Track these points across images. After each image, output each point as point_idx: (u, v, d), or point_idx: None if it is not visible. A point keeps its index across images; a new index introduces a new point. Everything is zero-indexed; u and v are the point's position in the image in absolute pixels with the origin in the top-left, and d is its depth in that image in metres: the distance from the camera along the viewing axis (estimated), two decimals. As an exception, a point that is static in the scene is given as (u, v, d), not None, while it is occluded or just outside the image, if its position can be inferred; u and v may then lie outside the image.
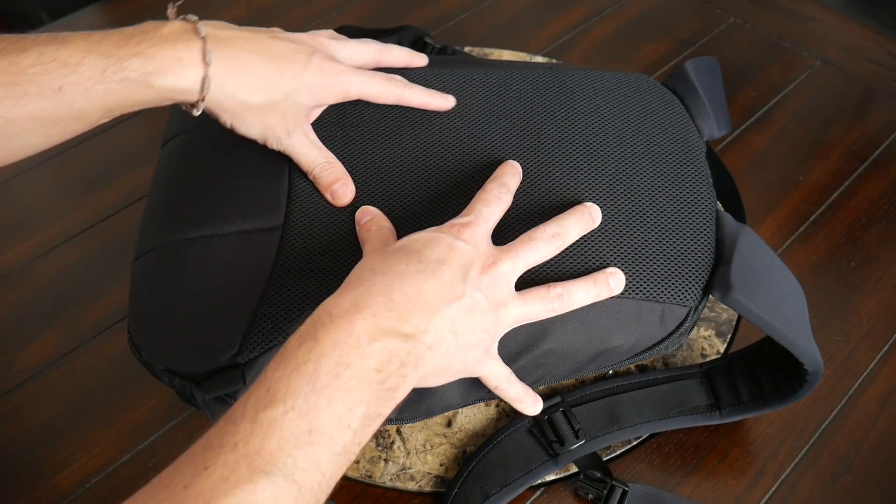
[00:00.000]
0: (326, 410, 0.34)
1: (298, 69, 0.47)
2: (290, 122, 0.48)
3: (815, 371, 0.48)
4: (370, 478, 0.52)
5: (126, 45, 0.42)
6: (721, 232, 0.50)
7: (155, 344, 0.46)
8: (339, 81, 0.49)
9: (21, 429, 0.56)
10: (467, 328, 0.41)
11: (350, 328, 0.36)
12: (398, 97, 0.51)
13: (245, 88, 0.46)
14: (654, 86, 0.58)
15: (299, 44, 0.49)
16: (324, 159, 0.49)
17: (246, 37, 0.47)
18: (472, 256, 0.43)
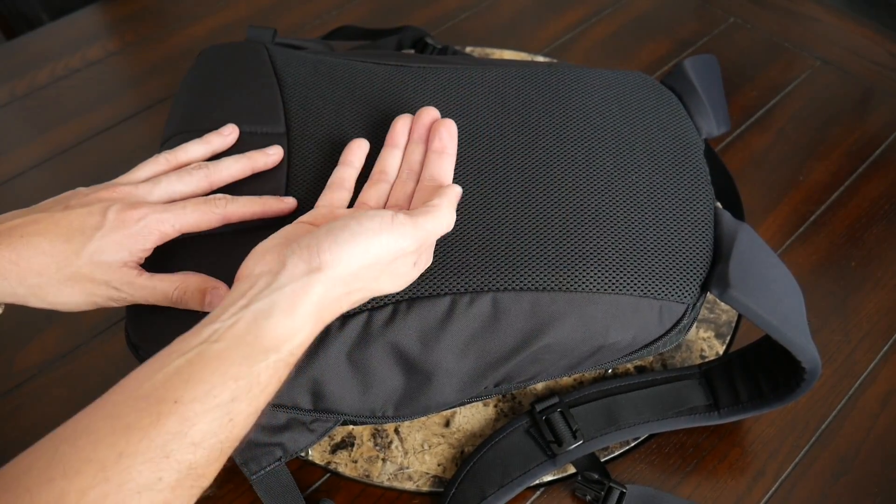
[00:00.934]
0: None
1: (91, 231, 0.44)
2: (112, 282, 0.45)
3: (812, 369, 0.48)
4: (368, 477, 0.52)
5: None
6: (719, 229, 0.50)
7: (152, 341, 0.46)
8: (145, 226, 0.45)
9: (21, 429, 0.56)
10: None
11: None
12: (223, 217, 0.47)
13: (33, 272, 0.44)
14: (653, 84, 0.58)
15: (93, 205, 0.46)
16: (175, 286, 0.46)
17: (31, 220, 0.45)
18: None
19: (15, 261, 0.43)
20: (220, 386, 0.35)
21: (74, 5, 0.91)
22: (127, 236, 0.45)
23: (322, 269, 0.39)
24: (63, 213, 0.45)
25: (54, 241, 0.44)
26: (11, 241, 0.44)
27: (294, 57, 0.58)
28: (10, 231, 0.44)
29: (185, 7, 0.89)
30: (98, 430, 0.33)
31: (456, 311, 0.46)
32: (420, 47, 0.76)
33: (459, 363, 0.47)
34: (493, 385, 0.51)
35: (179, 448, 0.33)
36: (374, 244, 0.40)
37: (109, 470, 0.32)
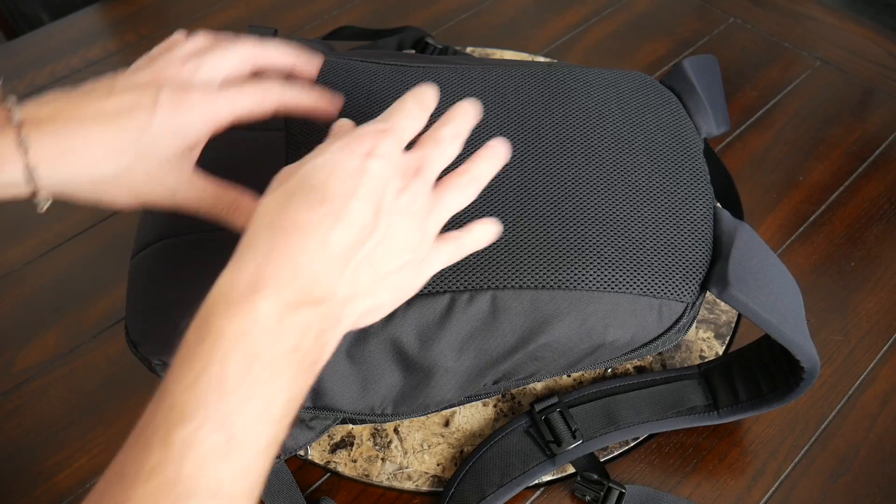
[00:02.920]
0: (242, 413, 0.31)
1: (144, 119, 0.39)
2: (166, 180, 0.41)
3: (811, 368, 0.48)
4: (367, 477, 0.52)
5: None
6: (719, 228, 0.50)
7: (152, 339, 0.46)
8: (200, 113, 0.41)
9: (21, 429, 0.56)
10: (387, 258, 0.37)
11: (254, 314, 0.33)
12: (278, 102, 0.43)
13: (84, 166, 0.39)
14: (652, 83, 0.58)
15: (140, 88, 0.41)
16: (226, 202, 0.42)
17: (75, 104, 0.39)
18: (385, 177, 0.37)
19: (64, 151, 0.39)
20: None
21: (75, 5, 0.91)
22: (181, 126, 0.40)
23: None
24: (110, 99, 0.40)
25: (105, 129, 0.39)
26: (57, 128, 0.39)
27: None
28: (54, 117, 0.39)
29: (185, 7, 0.89)
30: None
31: (455, 309, 0.46)
32: (420, 48, 0.76)
33: (458, 361, 0.47)
34: (492, 383, 0.51)
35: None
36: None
37: None
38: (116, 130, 0.39)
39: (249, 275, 0.34)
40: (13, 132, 0.38)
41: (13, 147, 0.38)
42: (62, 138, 0.39)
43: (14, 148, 0.38)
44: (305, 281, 0.34)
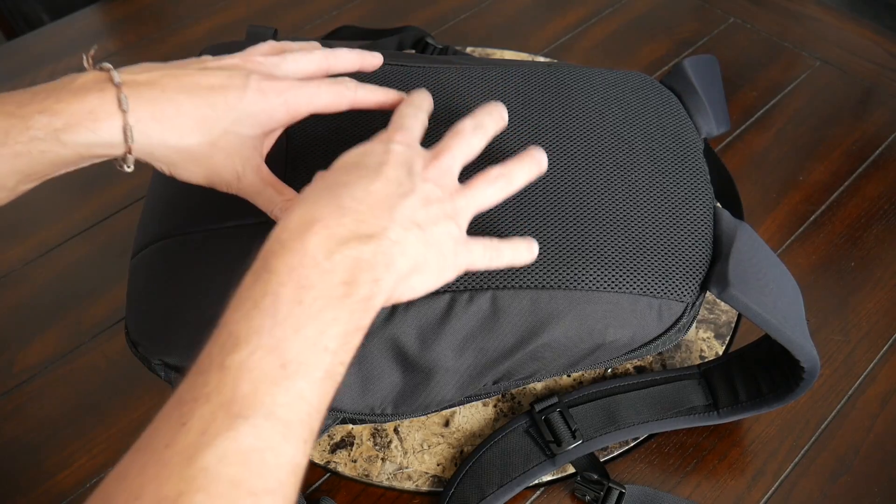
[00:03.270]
0: (296, 339, 0.32)
1: (234, 99, 0.42)
2: (238, 163, 0.43)
3: (811, 368, 0.48)
4: (367, 477, 0.52)
5: (31, 103, 0.38)
6: (719, 228, 0.50)
7: (152, 338, 0.46)
8: (284, 101, 0.43)
9: (21, 429, 0.56)
10: (429, 218, 0.39)
11: (303, 248, 0.34)
12: (352, 101, 0.46)
13: (175, 133, 0.41)
14: (652, 83, 0.58)
15: (232, 70, 0.43)
16: (283, 198, 0.44)
17: (171, 75, 0.42)
18: (410, 155, 0.41)
19: (159, 119, 0.40)
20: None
21: (75, 6, 0.91)
22: (264, 110, 0.43)
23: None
24: (201, 74, 0.42)
25: (198, 102, 0.41)
26: (152, 94, 0.40)
27: None
28: (151, 84, 0.41)
29: (185, 7, 0.89)
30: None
31: (455, 309, 0.46)
32: (420, 48, 0.76)
33: (458, 361, 0.47)
34: (492, 383, 0.51)
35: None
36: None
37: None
38: (208, 105, 0.41)
39: (299, 218, 0.36)
40: (114, 91, 0.40)
41: (114, 106, 0.39)
42: (158, 104, 0.40)
43: (115, 107, 0.40)
44: (353, 218, 0.36)
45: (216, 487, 0.29)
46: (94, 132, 0.39)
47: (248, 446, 0.30)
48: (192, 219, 0.49)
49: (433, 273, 0.41)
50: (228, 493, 0.29)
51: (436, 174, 0.41)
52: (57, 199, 0.71)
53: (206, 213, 0.49)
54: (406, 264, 0.38)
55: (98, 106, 0.39)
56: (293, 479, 0.31)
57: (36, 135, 0.38)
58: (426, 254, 0.39)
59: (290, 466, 0.31)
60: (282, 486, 0.30)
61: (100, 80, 0.40)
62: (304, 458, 0.32)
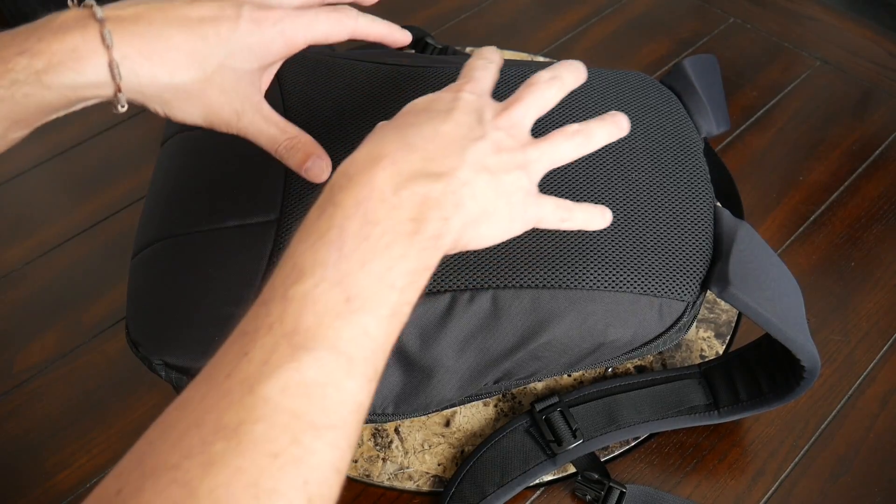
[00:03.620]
0: (361, 274, 0.31)
1: (227, 30, 0.40)
2: (236, 100, 0.41)
3: (812, 367, 0.48)
4: (368, 477, 0.52)
5: (10, 45, 0.37)
6: (719, 227, 0.50)
7: (152, 338, 0.46)
8: (280, 31, 0.41)
9: (21, 429, 0.56)
10: (500, 165, 0.38)
11: (371, 182, 0.34)
12: (352, 30, 0.43)
13: (165, 69, 0.39)
14: (652, 83, 0.58)
15: (223, 0, 0.41)
16: (285, 136, 0.43)
17: (157, 8, 0.39)
18: (480, 104, 0.40)
19: (147, 54, 0.38)
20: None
21: (74, 5, 0.91)
22: (260, 42, 0.41)
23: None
24: (193, 6, 0.40)
25: (188, 35, 0.39)
26: (138, 29, 0.38)
27: (294, 56, 0.57)
28: (136, 18, 0.38)
29: (185, 7, 0.89)
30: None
31: (456, 309, 0.46)
32: (420, 47, 0.76)
33: (459, 360, 0.47)
34: (493, 382, 0.51)
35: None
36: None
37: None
38: (199, 38, 0.39)
39: (366, 153, 0.35)
40: (96, 27, 0.37)
41: (97, 42, 0.37)
42: (145, 39, 0.38)
43: (98, 43, 0.37)
44: (421, 155, 0.35)
45: (277, 418, 0.28)
46: (77, 72, 0.37)
47: (310, 379, 0.29)
48: (193, 219, 0.49)
49: (502, 222, 0.39)
50: (289, 425, 0.28)
51: (507, 124, 0.40)
52: (57, 199, 0.71)
53: (206, 213, 0.49)
54: (475, 208, 0.37)
55: (81, 43, 0.37)
56: (356, 417, 0.30)
57: (17, 77, 0.36)
58: (496, 201, 0.38)
59: (353, 404, 0.30)
60: (344, 424, 0.30)
61: (82, 16, 0.38)
62: (368, 399, 0.31)
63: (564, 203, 0.43)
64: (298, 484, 0.27)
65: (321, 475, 0.28)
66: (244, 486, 0.26)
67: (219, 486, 0.26)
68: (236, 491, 0.26)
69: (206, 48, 0.39)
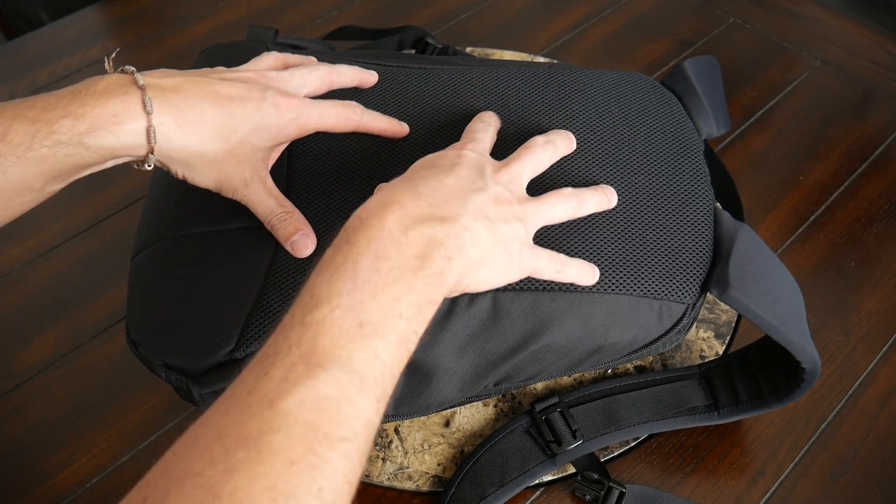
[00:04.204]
0: (372, 303, 0.35)
1: (252, 110, 0.45)
2: (247, 171, 0.46)
3: (812, 369, 0.48)
4: (368, 477, 0.52)
5: (55, 108, 0.40)
6: (719, 230, 0.50)
7: (152, 339, 0.46)
8: (296, 117, 0.46)
9: (21, 429, 0.56)
10: (498, 215, 0.42)
11: (381, 224, 0.37)
12: (357, 124, 0.50)
13: (196, 138, 0.43)
14: (653, 84, 0.58)
15: (250, 83, 0.46)
16: (281, 209, 0.46)
17: (192, 81, 0.44)
18: (482, 160, 0.44)
19: (182, 124, 0.42)
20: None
21: (75, 5, 0.91)
22: (277, 125, 0.46)
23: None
24: (221, 84, 0.45)
25: (219, 111, 0.43)
26: (177, 99, 0.42)
27: (295, 54, 0.58)
28: (174, 89, 0.43)
29: (185, 7, 0.89)
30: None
31: (456, 310, 0.46)
32: (421, 47, 0.76)
33: (459, 362, 0.47)
34: (493, 384, 0.51)
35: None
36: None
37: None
38: (227, 114, 0.44)
39: (379, 200, 0.39)
40: (138, 94, 0.41)
41: (139, 108, 0.41)
42: (181, 109, 0.42)
43: (139, 109, 0.41)
44: (428, 202, 0.39)
45: (295, 429, 0.30)
46: (116, 135, 0.41)
47: (325, 394, 0.32)
48: (193, 219, 0.49)
49: (500, 269, 0.42)
50: (306, 436, 0.30)
51: (506, 179, 0.44)
52: (57, 199, 0.70)
53: (207, 214, 0.49)
54: (475, 253, 0.40)
55: (122, 109, 0.41)
56: (366, 433, 0.33)
57: (61, 139, 0.40)
58: (494, 248, 0.41)
59: (364, 420, 0.33)
60: (356, 437, 0.32)
61: (123, 83, 0.41)
62: (377, 418, 0.34)
63: (559, 256, 0.46)
64: (314, 490, 0.30)
65: (334, 484, 0.30)
66: (263, 490, 0.28)
67: (239, 489, 0.28)
68: (255, 493, 0.28)
69: (233, 123, 0.44)
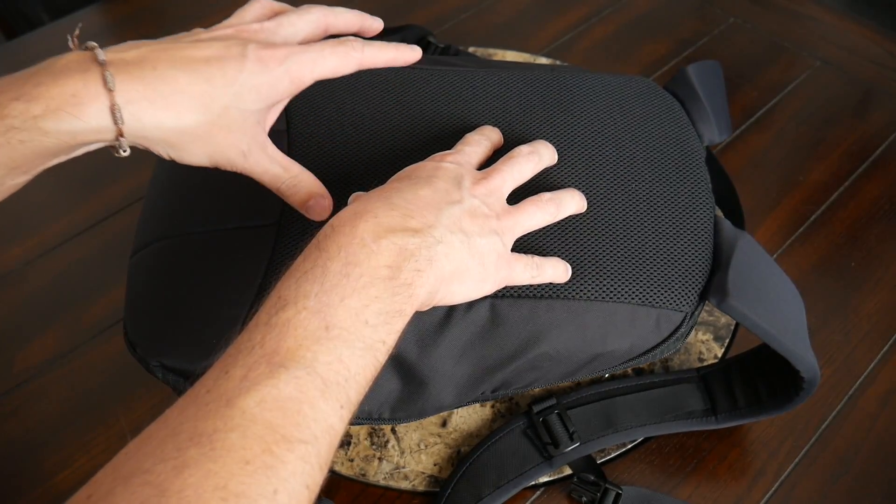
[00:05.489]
0: (340, 307, 0.34)
1: (233, 71, 0.39)
2: (242, 141, 0.41)
3: (811, 378, 0.48)
4: (364, 476, 0.52)
5: (8, 90, 0.36)
6: (719, 238, 0.50)
7: (150, 340, 0.46)
8: (286, 70, 0.40)
9: (21, 429, 0.56)
10: (474, 228, 0.41)
11: (353, 231, 0.36)
12: (359, 61, 0.43)
13: (171, 113, 0.38)
14: (656, 89, 0.58)
15: (228, 40, 0.40)
16: (289, 175, 0.43)
17: (161, 48, 0.39)
18: (460, 172, 0.43)
19: (151, 99, 0.37)
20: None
21: (74, 5, 0.91)
22: (266, 82, 0.40)
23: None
24: (194, 47, 0.39)
25: (194, 77, 0.38)
26: (143, 72, 0.37)
27: None
28: (139, 61, 0.38)
29: (185, 7, 0.89)
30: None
31: (454, 317, 0.46)
32: (422, 47, 0.76)
33: (456, 368, 0.47)
34: (491, 391, 0.51)
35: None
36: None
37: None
38: (205, 80, 0.39)
39: (352, 210, 0.38)
40: (98, 70, 0.37)
41: (99, 86, 0.37)
42: (149, 82, 0.37)
43: (99, 87, 0.37)
44: (401, 213, 0.38)
45: (252, 428, 0.29)
46: (77, 117, 0.36)
47: (286, 395, 0.31)
48: (192, 219, 0.49)
49: (473, 282, 0.42)
50: (263, 435, 0.29)
51: (483, 192, 0.43)
52: (57, 199, 0.71)
53: (206, 214, 0.49)
54: (448, 266, 0.39)
55: (81, 88, 0.36)
56: (328, 438, 0.32)
57: (13, 123, 0.36)
58: (468, 261, 0.40)
59: (325, 424, 0.32)
60: (316, 441, 0.31)
61: (83, 59, 0.37)
62: (340, 424, 0.33)
63: (533, 262, 0.45)
64: (268, 492, 0.28)
65: (291, 487, 0.29)
66: (213, 488, 0.27)
67: (188, 486, 0.27)
68: (205, 492, 0.27)
69: (213, 90, 0.39)
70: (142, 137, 0.39)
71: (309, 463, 0.30)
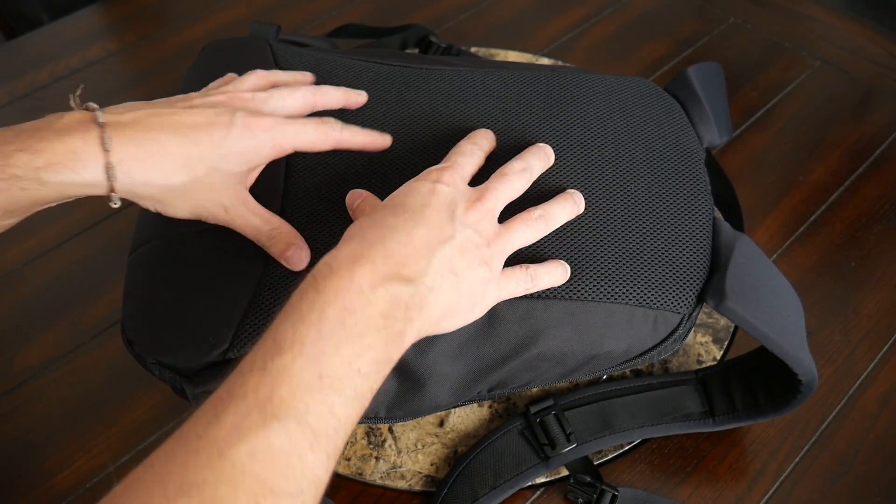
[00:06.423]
0: (335, 356, 0.34)
1: (219, 136, 0.43)
2: (224, 197, 0.44)
3: (809, 381, 0.48)
4: (361, 475, 0.52)
5: (14, 141, 0.39)
6: (718, 240, 0.50)
7: (147, 337, 0.46)
8: (270, 138, 0.44)
9: (21, 429, 0.56)
10: (465, 265, 0.41)
11: (351, 276, 0.37)
12: (336, 141, 0.48)
13: (158, 172, 0.42)
14: (656, 90, 0.57)
15: (219, 107, 0.44)
16: (269, 227, 0.46)
17: (155, 114, 0.43)
18: (453, 196, 0.43)
19: (142, 159, 0.41)
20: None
21: (74, 5, 0.91)
22: (250, 147, 0.44)
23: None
24: (186, 113, 0.43)
25: (182, 141, 0.42)
26: (136, 135, 0.41)
27: (297, 54, 0.57)
28: (134, 124, 0.42)
29: (185, 7, 0.89)
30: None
31: None
32: (424, 46, 0.76)
33: (453, 368, 0.47)
34: (487, 390, 0.51)
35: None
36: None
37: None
38: (192, 143, 0.42)
39: (349, 253, 0.38)
40: (97, 131, 0.41)
41: (97, 146, 0.40)
42: (141, 144, 0.41)
43: (97, 147, 0.40)
44: (396, 261, 0.39)
45: (241, 481, 0.30)
46: (75, 172, 0.40)
47: (277, 446, 0.31)
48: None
49: (462, 315, 0.43)
50: (252, 489, 0.30)
51: (476, 217, 0.43)
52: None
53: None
54: (438, 310, 0.40)
55: (81, 146, 0.40)
56: (313, 489, 0.32)
57: (16, 172, 0.39)
58: (458, 300, 0.42)
59: (312, 476, 0.32)
60: (301, 494, 0.31)
61: (84, 120, 0.41)
62: (326, 475, 0.33)
63: (527, 273, 0.45)
64: None
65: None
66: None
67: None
68: None
69: (199, 152, 0.43)
70: (131, 192, 0.42)
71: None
